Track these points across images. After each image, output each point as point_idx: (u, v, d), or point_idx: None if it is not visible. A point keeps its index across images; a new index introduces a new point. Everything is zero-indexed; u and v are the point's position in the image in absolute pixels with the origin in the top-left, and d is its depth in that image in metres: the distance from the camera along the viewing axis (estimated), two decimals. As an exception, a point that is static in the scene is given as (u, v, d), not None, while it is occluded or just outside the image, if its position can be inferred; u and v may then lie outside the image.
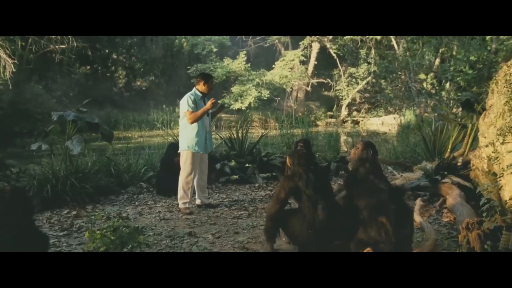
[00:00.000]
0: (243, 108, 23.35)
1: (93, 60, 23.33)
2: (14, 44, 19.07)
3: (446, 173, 5.60)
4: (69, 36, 19.69)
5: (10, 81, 17.59)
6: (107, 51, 24.11)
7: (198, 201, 5.42)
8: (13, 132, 17.50)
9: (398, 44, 21.57)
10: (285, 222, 3.41)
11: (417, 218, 4.65)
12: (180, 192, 5.17)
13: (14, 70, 17.53)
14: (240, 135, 7.44)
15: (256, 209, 5.30)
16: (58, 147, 5.83)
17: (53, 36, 19.73)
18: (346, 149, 13.55)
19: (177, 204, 5.28)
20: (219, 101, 24.08)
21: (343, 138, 17.32)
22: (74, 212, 5.08)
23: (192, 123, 5.07)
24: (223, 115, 23.35)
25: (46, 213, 5.10)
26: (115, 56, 24.44)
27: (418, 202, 5.19)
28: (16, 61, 17.93)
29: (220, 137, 7.82)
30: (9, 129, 17.69)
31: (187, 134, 5.13)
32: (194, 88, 5.27)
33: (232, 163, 7.03)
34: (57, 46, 20.43)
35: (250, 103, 23.43)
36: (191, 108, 5.05)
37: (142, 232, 4.39)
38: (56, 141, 5.78)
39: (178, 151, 5.27)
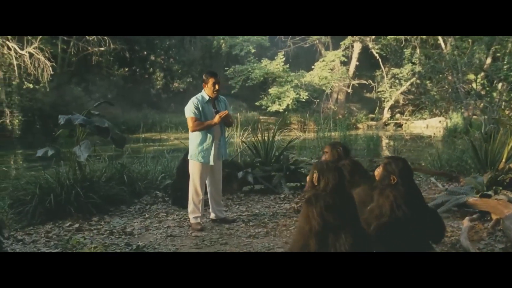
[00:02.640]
0: (281, 110, 22.77)
1: (132, 62, 23.42)
2: (55, 47, 19.39)
3: (500, 188, 4.78)
4: (106, 38, 19.80)
5: (48, 84, 17.83)
6: (145, 53, 24.14)
7: (212, 215, 4.87)
8: (54, 134, 17.77)
9: (445, 42, 20.26)
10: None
11: (464, 242, 3.92)
12: (190, 206, 4.64)
13: (52, 72, 17.75)
14: (266, 139, 6.80)
15: (276, 226, 4.69)
16: (66, 152, 5.44)
17: (90, 38, 19.91)
18: (388, 153, 12.73)
19: (191, 218, 4.76)
20: (256, 103, 23.79)
21: (385, 141, 16.45)
22: (77, 225, 4.67)
23: (193, 131, 4.54)
24: (260, 117, 22.87)
25: (48, 225, 4.72)
26: (153, 58, 24.43)
27: (466, 222, 4.41)
28: (54, 64, 18.16)
29: (244, 142, 7.22)
30: (51, 131, 18.00)
31: (191, 142, 4.61)
32: (202, 91, 4.71)
33: (257, 171, 6.44)
34: (96, 49, 20.62)
35: (288, 105, 22.81)
36: (193, 114, 4.50)
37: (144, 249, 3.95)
38: (64, 146, 5.39)
39: (193, 159, 4.75)
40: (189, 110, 4.52)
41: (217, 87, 4.56)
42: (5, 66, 17.56)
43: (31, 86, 18.19)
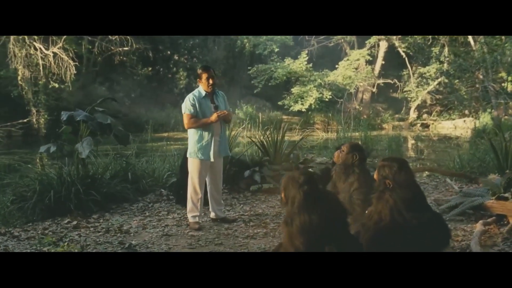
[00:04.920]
0: (303, 110, 22.48)
1: (155, 61, 23.58)
2: (80, 47, 19.72)
3: (519, 190, 4.46)
4: (129, 38, 19.99)
5: (71, 83, 18.12)
6: (169, 52, 24.27)
7: (212, 215, 4.74)
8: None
9: (474, 39, 19.52)
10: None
11: (475, 248, 3.64)
12: (188, 204, 4.53)
13: (75, 72, 18.03)
14: (275, 137, 6.60)
15: (277, 226, 4.50)
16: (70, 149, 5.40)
17: (113, 38, 20.14)
18: (412, 154, 12.34)
19: (191, 217, 4.62)
20: (279, 102, 23.53)
21: (410, 142, 15.99)
22: (74, 223, 4.60)
23: (187, 128, 4.46)
24: (284, 116, 22.63)
25: (47, 222, 4.68)
26: (176, 58, 24.53)
27: (479, 226, 4.12)
28: (77, 64, 18.44)
29: (252, 140, 7.05)
30: (76, 130, 18.28)
31: (190, 139, 4.50)
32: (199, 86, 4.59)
33: (265, 170, 6.25)
34: (119, 48, 20.85)
35: (310, 104, 22.49)
36: (188, 111, 4.41)
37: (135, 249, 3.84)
38: (67, 143, 5.34)
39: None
40: (185, 107, 4.45)
41: (211, 81, 4.44)
42: (32, 66, 17.96)
43: (56, 85, 18.54)
